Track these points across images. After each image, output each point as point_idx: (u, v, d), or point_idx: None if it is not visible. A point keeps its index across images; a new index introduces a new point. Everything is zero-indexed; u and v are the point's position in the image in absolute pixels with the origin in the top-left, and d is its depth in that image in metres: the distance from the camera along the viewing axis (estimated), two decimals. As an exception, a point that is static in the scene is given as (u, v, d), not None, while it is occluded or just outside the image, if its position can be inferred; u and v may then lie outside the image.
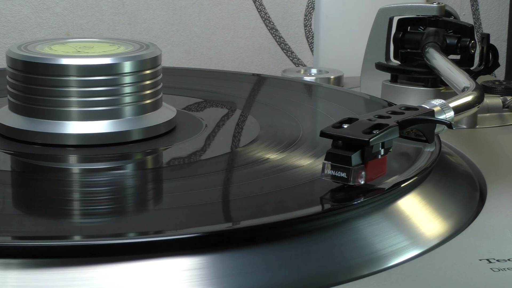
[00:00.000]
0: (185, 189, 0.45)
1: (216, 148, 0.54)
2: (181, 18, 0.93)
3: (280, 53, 0.97)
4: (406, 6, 0.71)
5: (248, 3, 0.95)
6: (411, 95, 0.67)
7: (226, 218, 0.43)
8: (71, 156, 0.52)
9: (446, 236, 0.44)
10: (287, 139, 0.54)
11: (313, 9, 0.96)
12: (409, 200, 0.45)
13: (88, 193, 0.46)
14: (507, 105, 0.68)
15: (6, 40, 0.88)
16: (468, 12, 1.01)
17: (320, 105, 0.68)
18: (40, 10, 0.89)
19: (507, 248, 0.42)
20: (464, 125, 0.65)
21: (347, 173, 0.42)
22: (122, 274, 0.37)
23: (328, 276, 0.39)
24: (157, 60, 0.56)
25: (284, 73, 0.79)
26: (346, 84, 0.79)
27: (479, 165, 0.54)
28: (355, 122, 0.44)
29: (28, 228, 0.40)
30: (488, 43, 0.69)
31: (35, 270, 0.36)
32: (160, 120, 0.55)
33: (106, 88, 0.53)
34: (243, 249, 0.39)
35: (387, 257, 0.41)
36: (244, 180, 0.47)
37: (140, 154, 0.53)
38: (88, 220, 0.42)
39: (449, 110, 0.49)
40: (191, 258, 0.38)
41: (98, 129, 0.52)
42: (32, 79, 0.53)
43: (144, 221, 0.42)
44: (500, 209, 0.47)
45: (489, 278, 0.39)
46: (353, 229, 0.42)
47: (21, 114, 0.54)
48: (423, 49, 0.67)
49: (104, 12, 0.90)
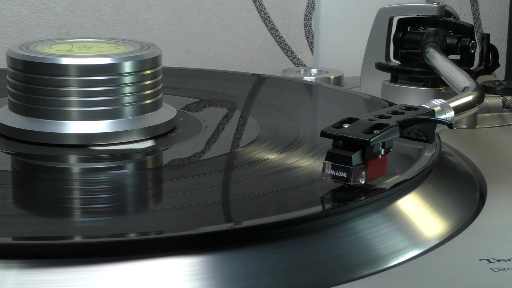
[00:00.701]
0: (185, 189, 0.45)
1: (216, 148, 0.54)
2: (181, 18, 0.93)
3: (280, 53, 0.97)
4: (406, 6, 0.71)
5: (248, 3, 0.94)
6: (411, 95, 0.67)
7: (226, 218, 0.43)
8: (71, 156, 0.52)
9: (446, 236, 0.44)
10: (287, 139, 0.54)
11: (313, 9, 0.96)
12: (409, 200, 0.45)
13: (88, 193, 0.46)
14: (507, 105, 0.68)
15: (6, 40, 0.88)
16: (468, 12, 1.01)
17: (320, 105, 0.68)
18: (40, 10, 0.89)
19: (507, 248, 0.42)
20: (464, 125, 0.65)
21: (347, 173, 0.42)
22: (122, 274, 0.37)
23: (328, 276, 0.39)
24: (157, 60, 0.56)
25: (284, 73, 0.79)
26: (346, 84, 0.79)
27: (479, 165, 0.54)
28: (356, 122, 0.44)
29: (28, 228, 0.40)
30: (488, 43, 0.69)
31: (35, 270, 0.36)
32: (160, 120, 0.55)
33: (106, 88, 0.53)
34: (243, 249, 0.39)
35: (387, 257, 0.41)
36: (244, 180, 0.47)
37: (140, 154, 0.53)
38: (88, 220, 0.42)
39: (450, 110, 0.49)
40: (191, 258, 0.38)
41: (98, 129, 0.52)
42: (32, 79, 0.53)
43: (144, 221, 0.42)
44: (500, 209, 0.47)
45: (489, 278, 0.39)
46: (353, 229, 0.42)
47: (21, 114, 0.54)
48: (423, 49, 0.67)
49: (104, 12, 0.90)
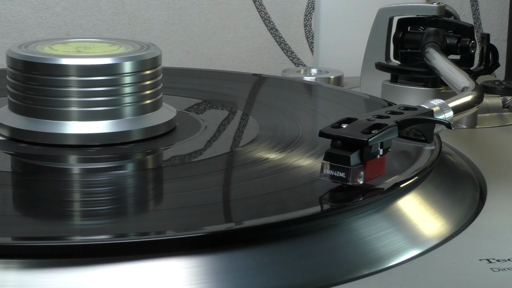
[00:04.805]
0: (185, 189, 0.45)
1: (216, 148, 0.54)
2: (181, 18, 0.93)
3: (280, 53, 0.97)
4: (406, 6, 0.71)
5: (248, 3, 0.94)
6: (411, 95, 0.67)
7: (226, 218, 0.43)
8: (71, 156, 0.52)
9: (446, 236, 0.44)
10: (286, 139, 0.54)
11: (313, 9, 0.96)
12: (409, 200, 0.45)
13: (88, 193, 0.46)
14: (507, 105, 0.68)
15: (6, 40, 0.88)
16: (468, 12, 1.01)
17: (320, 105, 0.68)
18: (40, 10, 0.89)
19: (507, 248, 0.42)
20: (464, 125, 0.65)
21: (346, 173, 0.42)
22: (122, 274, 0.37)
23: (328, 276, 0.39)
24: (157, 60, 0.56)
25: (284, 73, 0.79)
26: (346, 84, 0.79)
27: (479, 165, 0.54)
28: (354, 122, 0.44)
29: (28, 228, 0.40)
30: (488, 43, 0.69)
31: (35, 270, 0.36)
32: (160, 120, 0.55)
33: (106, 88, 0.53)
34: (242, 249, 0.39)
35: (387, 257, 0.41)
36: (244, 180, 0.47)
37: (140, 154, 0.53)
38: (88, 220, 0.42)
39: (448, 110, 0.49)
40: (191, 258, 0.38)
41: (98, 129, 0.52)
42: (32, 79, 0.53)
43: (144, 221, 0.42)
44: (500, 209, 0.47)
45: (489, 278, 0.39)
46: (353, 229, 0.42)
47: (21, 114, 0.54)
48: (423, 49, 0.67)
49: (104, 12, 0.90)
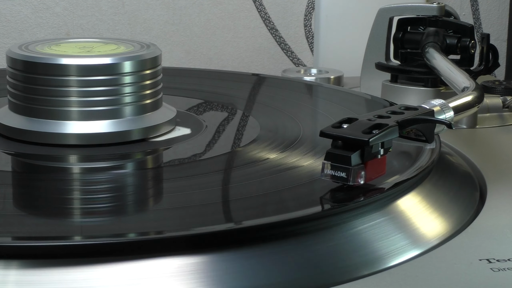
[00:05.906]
0: (185, 189, 0.45)
1: (216, 148, 0.54)
2: (181, 18, 0.93)
3: (280, 53, 0.97)
4: (406, 6, 0.71)
5: (248, 3, 0.94)
6: (411, 95, 0.67)
7: (226, 218, 0.43)
8: (71, 156, 0.52)
9: (446, 236, 0.44)
10: (287, 139, 0.54)
11: (313, 9, 0.96)
12: (409, 200, 0.45)
13: (88, 193, 0.46)
14: (507, 105, 0.68)
15: (6, 40, 0.88)
16: (468, 12, 1.01)
17: (320, 105, 0.68)
18: (40, 10, 0.89)
19: (507, 248, 0.42)
20: (464, 125, 0.65)
21: (346, 173, 0.42)
22: (122, 274, 0.37)
23: (328, 276, 0.39)
24: (157, 60, 0.56)
25: (284, 73, 0.79)
26: (346, 84, 0.79)
27: (479, 165, 0.54)
28: (355, 122, 0.44)
29: (29, 228, 0.40)
30: (488, 43, 0.69)
31: (35, 270, 0.36)
32: (160, 120, 0.55)
33: (106, 88, 0.53)
34: (243, 249, 0.39)
35: (387, 257, 0.41)
36: (244, 180, 0.47)
37: (140, 154, 0.53)
38: (88, 220, 0.42)
39: (449, 110, 0.49)
40: (191, 258, 0.38)
41: (98, 129, 0.52)
42: (32, 79, 0.53)
43: (144, 221, 0.42)
44: (500, 209, 0.47)
45: (489, 278, 0.39)
46: (353, 229, 0.42)
47: (21, 114, 0.54)
48: (423, 49, 0.67)
49: (104, 12, 0.90)
